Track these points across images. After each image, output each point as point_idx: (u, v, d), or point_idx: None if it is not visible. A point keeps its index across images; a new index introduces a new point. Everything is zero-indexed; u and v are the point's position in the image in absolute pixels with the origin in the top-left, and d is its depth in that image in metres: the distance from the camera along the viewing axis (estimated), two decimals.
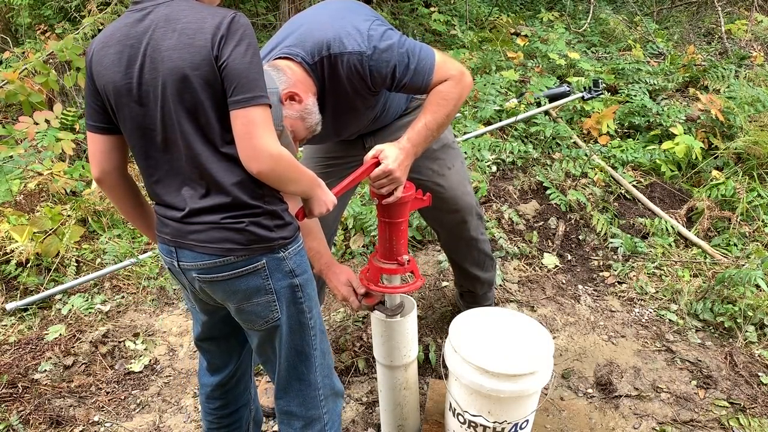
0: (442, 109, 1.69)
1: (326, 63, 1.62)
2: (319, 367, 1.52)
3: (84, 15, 4.68)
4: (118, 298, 2.93)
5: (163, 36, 1.24)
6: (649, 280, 2.95)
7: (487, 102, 4.15)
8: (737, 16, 6.63)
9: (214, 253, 1.35)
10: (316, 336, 1.50)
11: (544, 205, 3.38)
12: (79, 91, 4.22)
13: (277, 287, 1.41)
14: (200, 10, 1.26)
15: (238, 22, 1.25)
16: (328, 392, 1.56)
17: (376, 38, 1.61)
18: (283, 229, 1.38)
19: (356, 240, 3.09)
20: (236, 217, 1.33)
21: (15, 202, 3.32)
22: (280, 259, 1.38)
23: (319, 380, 1.53)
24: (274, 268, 1.39)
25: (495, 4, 6.58)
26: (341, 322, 2.72)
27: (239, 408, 1.77)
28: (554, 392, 2.34)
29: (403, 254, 1.70)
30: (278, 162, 1.27)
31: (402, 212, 1.66)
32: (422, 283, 1.78)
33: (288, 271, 1.41)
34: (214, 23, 1.23)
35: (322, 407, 1.55)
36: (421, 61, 1.64)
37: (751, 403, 2.29)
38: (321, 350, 1.52)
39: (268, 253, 1.37)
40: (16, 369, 2.48)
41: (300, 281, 1.44)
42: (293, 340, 1.47)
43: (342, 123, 1.86)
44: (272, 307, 1.42)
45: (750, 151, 3.64)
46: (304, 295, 1.45)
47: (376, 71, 1.63)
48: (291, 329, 1.46)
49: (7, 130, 3.83)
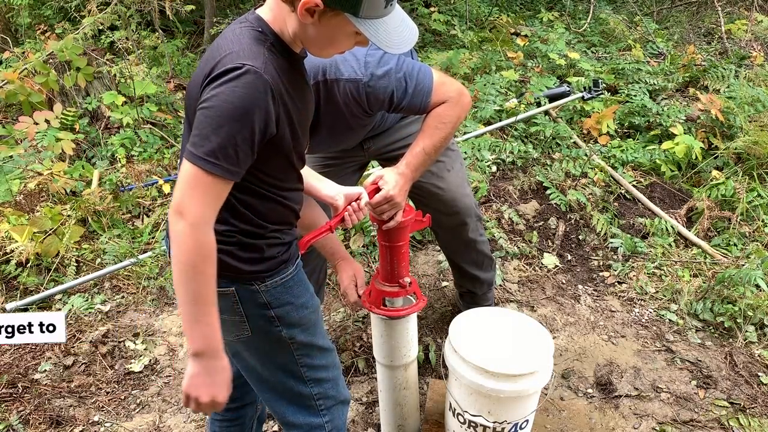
0: (440, 132, 1.67)
1: (322, 87, 1.62)
2: (311, 381, 1.45)
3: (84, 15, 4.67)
4: (118, 298, 2.93)
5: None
6: (649, 280, 2.95)
7: (487, 102, 4.15)
8: (737, 16, 6.62)
9: None
10: (303, 353, 1.42)
11: (544, 205, 3.38)
12: (79, 91, 4.22)
13: (249, 312, 1.33)
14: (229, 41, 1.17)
15: (231, 74, 1.10)
16: (331, 402, 1.51)
17: (373, 64, 1.59)
18: (259, 263, 1.29)
19: (356, 240, 3.09)
20: None
21: (15, 202, 3.32)
22: (252, 291, 1.30)
23: (314, 390, 1.47)
24: (246, 297, 1.31)
25: (495, 4, 6.58)
26: (341, 322, 2.72)
27: (245, 405, 1.76)
28: (554, 392, 2.34)
29: (404, 276, 1.69)
30: (191, 231, 1.10)
31: (402, 236, 1.65)
32: (424, 305, 1.77)
33: (262, 303, 1.32)
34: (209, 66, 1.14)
35: (323, 415, 1.50)
36: (419, 84, 1.63)
37: (751, 403, 2.29)
38: (314, 365, 1.45)
39: (238, 282, 1.29)
40: (16, 369, 2.48)
41: (277, 313, 1.34)
42: (272, 359, 1.41)
43: (338, 139, 1.86)
44: (241, 327, 1.35)
45: (750, 151, 3.64)
46: (282, 324, 1.35)
47: (374, 97, 1.62)
48: (264, 347, 1.40)
49: (7, 130, 3.83)
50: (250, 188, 1.25)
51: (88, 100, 4.17)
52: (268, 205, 1.29)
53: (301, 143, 1.31)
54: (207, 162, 1.09)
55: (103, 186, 3.52)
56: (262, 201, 1.28)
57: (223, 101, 1.09)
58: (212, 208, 1.13)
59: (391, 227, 1.62)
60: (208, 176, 1.10)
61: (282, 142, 1.21)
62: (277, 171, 1.28)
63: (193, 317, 1.15)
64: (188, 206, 1.11)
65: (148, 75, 4.30)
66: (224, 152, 1.09)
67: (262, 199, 1.27)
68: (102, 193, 3.39)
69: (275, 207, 1.31)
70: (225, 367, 1.21)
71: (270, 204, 1.29)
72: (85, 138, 4.01)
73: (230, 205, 1.23)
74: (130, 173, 3.65)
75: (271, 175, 1.27)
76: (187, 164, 1.11)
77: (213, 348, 1.17)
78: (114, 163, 3.88)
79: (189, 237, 1.10)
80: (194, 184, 1.11)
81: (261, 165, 1.21)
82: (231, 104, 1.09)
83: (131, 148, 3.92)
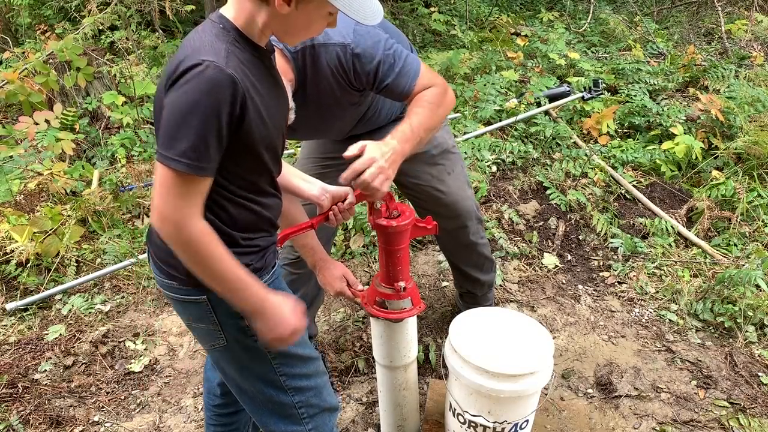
0: (425, 111, 1.60)
1: (308, 53, 1.60)
2: (292, 389, 1.44)
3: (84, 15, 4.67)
4: (118, 298, 2.93)
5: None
6: (649, 280, 2.95)
7: (487, 102, 4.15)
8: (737, 16, 6.62)
9: (163, 273, 1.31)
10: (281, 362, 1.40)
11: (544, 205, 3.38)
12: (79, 91, 4.22)
13: (223, 320, 1.33)
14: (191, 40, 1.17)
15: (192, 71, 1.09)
16: (314, 410, 1.49)
17: (362, 33, 1.59)
18: None
19: (356, 240, 3.09)
20: None
21: (15, 202, 3.32)
22: (225, 300, 1.27)
23: (296, 399, 1.45)
24: (218, 304, 1.29)
25: (495, 4, 6.58)
26: (341, 322, 2.72)
27: (239, 411, 1.76)
28: (554, 392, 2.34)
29: (401, 280, 1.67)
30: (176, 232, 1.13)
31: (401, 240, 1.62)
32: (419, 311, 1.75)
33: (234, 313, 1.29)
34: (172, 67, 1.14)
35: (306, 423, 1.48)
36: (407, 66, 1.62)
37: (751, 403, 2.29)
38: (294, 374, 1.43)
39: (209, 291, 1.26)
40: (16, 369, 2.48)
41: (250, 322, 1.31)
42: (247, 368, 1.40)
43: (326, 117, 1.81)
44: (216, 336, 1.35)
45: (750, 151, 3.64)
46: (256, 333, 1.32)
47: (359, 66, 1.60)
48: (241, 357, 1.39)
49: (7, 130, 3.83)
50: (221, 192, 1.23)
51: (88, 100, 4.17)
52: (239, 211, 1.27)
53: (272, 139, 1.28)
54: (179, 162, 1.09)
55: (103, 186, 3.52)
56: (233, 206, 1.26)
57: (187, 99, 1.08)
58: (194, 205, 1.14)
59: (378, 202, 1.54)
60: (181, 176, 1.10)
61: (250, 136, 1.19)
62: (247, 172, 1.26)
63: (227, 291, 1.22)
64: (168, 209, 1.13)
65: (148, 75, 4.30)
66: (194, 149, 1.09)
67: (233, 204, 1.25)
68: (102, 193, 3.39)
69: (246, 213, 1.29)
70: (277, 305, 1.28)
71: (241, 210, 1.27)
72: (85, 138, 4.01)
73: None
74: (130, 173, 3.65)
75: (241, 176, 1.24)
76: (159, 167, 1.11)
77: (257, 303, 1.25)
78: (114, 163, 3.88)
79: (178, 238, 1.14)
80: (170, 185, 1.11)
81: (231, 165, 1.20)
82: (195, 101, 1.08)
83: (131, 148, 3.92)
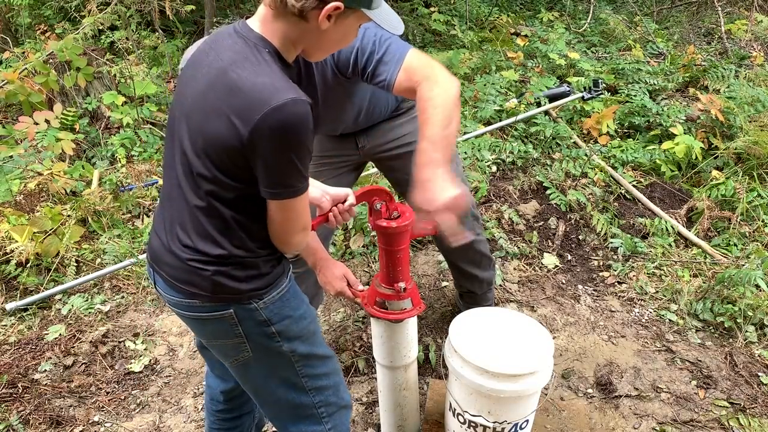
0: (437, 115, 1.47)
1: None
2: (313, 390, 1.46)
3: (84, 15, 4.67)
4: (118, 298, 2.93)
5: None
6: (649, 280, 2.95)
7: (487, 102, 4.15)
8: (737, 16, 6.62)
9: (181, 292, 1.30)
10: (304, 364, 1.42)
11: (544, 205, 3.38)
12: (79, 91, 4.23)
13: (248, 332, 1.33)
14: (251, 72, 1.18)
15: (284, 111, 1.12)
16: (333, 409, 1.51)
17: None
18: (258, 280, 1.29)
19: (356, 240, 3.09)
20: (201, 262, 1.25)
21: (15, 202, 3.31)
22: (251, 310, 1.30)
23: (316, 399, 1.47)
24: (245, 317, 1.31)
25: (495, 4, 6.58)
26: (341, 322, 2.72)
27: (242, 415, 1.76)
28: (554, 392, 2.34)
29: (401, 281, 1.67)
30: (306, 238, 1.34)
31: (402, 240, 1.62)
32: (419, 312, 1.75)
33: (261, 321, 1.32)
34: (239, 101, 1.17)
35: (325, 423, 1.51)
36: (391, 48, 1.55)
37: (751, 403, 2.29)
38: (315, 374, 1.45)
39: (235, 303, 1.29)
40: (16, 369, 2.48)
41: (277, 328, 1.34)
42: (273, 373, 1.42)
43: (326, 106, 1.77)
44: (242, 348, 1.36)
45: (750, 151, 3.64)
46: (282, 338, 1.36)
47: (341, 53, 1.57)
48: (265, 365, 1.40)
49: (7, 130, 3.83)
50: (247, 207, 1.24)
51: (88, 100, 4.17)
52: (263, 225, 1.28)
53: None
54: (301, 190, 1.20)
55: (103, 186, 3.52)
56: (257, 219, 1.27)
57: (293, 142, 1.13)
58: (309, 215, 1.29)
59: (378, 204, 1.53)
60: (302, 198, 1.22)
61: None
62: None
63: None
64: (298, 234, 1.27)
65: (148, 75, 4.30)
66: (305, 175, 1.20)
67: (257, 217, 1.26)
68: (102, 193, 3.39)
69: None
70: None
71: (265, 223, 1.28)
72: (85, 138, 4.01)
73: (226, 227, 1.24)
74: (130, 173, 3.66)
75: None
76: (285, 202, 1.19)
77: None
78: (114, 163, 3.88)
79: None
80: (298, 212, 1.23)
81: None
82: (299, 141, 1.13)
83: (131, 148, 3.92)
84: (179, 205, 1.27)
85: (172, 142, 1.28)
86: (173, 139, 1.27)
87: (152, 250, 1.35)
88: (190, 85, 1.23)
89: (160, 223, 1.34)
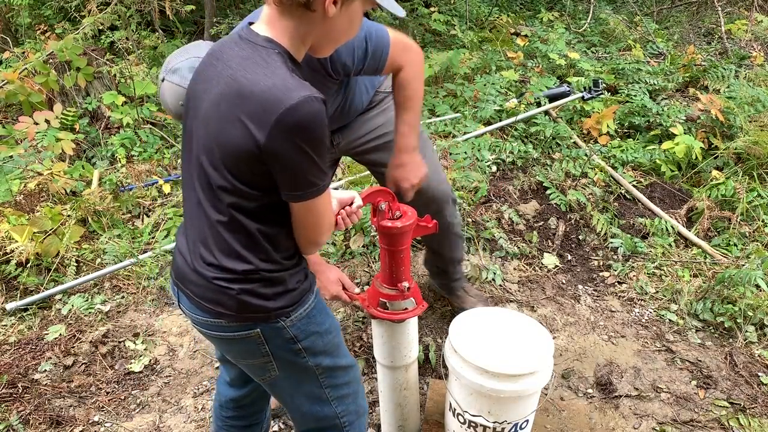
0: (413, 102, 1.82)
1: None
2: (335, 400, 1.46)
3: (84, 15, 4.68)
4: (118, 298, 2.92)
5: None
6: (649, 280, 2.95)
7: (487, 102, 4.15)
8: (737, 16, 6.63)
9: (207, 311, 1.28)
10: (328, 376, 1.43)
11: (544, 205, 3.38)
12: (79, 91, 4.22)
13: (275, 351, 1.32)
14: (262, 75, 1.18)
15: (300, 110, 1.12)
16: (353, 417, 1.52)
17: None
18: (284, 297, 1.27)
19: (356, 240, 3.09)
20: (226, 280, 1.24)
21: (15, 202, 3.31)
22: (278, 328, 1.28)
23: (338, 409, 1.47)
24: (272, 335, 1.29)
25: (495, 4, 6.58)
26: (341, 322, 2.72)
27: (251, 425, 1.76)
28: (554, 392, 2.34)
29: (404, 280, 1.68)
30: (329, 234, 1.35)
31: (404, 240, 1.63)
32: (422, 310, 1.76)
33: (288, 338, 1.31)
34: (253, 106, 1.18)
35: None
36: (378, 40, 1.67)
37: (751, 403, 2.29)
38: (337, 385, 1.46)
39: (262, 323, 1.27)
40: (16, 369, 2.48)
41: (303, 345, 1.33)
42: (299, 389, 1.42)
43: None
44: (269, 367, 1.35)
45: (750, 151, 3.64)
46: (308, 354, 1.35)
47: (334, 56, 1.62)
48: (291, 381, 1.40)
49: (7, 130, 3.83)
50: (270, 217, 1.23)
51: (88, 100, 4.17)
52: (288, 234, 1.27)
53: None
54: (324, 188, 1.20)
55: (103, 186, 3.52)
56: (282, 228, 1.26)
57: (311, 140, 1.12)
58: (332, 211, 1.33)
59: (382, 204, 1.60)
60: (325, 195, 1.22)
61: None
62: None
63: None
64: (326, 232, 1.28)
65: (148, 75, 4.30)
66: (325, 171, 1.19)
67: (282, 225, 1.25)
68: (102, 193, 3.39)
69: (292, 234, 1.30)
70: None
71: (289, 232, 1.27)
72: (85, 138, 4.01)
73: (250, 240, 1.22)
74: (130, 173, 3.65)
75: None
76: (309, 203, 1.19)
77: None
78: (114, 163, 3.88)
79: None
80: (323, 210, 1.24)
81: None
82: (317, 138, 1.13)
83: (131, 148, 3.92)
84: (200, 223, 1.25)
85: (189, 161, 1.26)
86: (190, 157, 1.26)
87: (177, 269, 1.34)
88: (202, 98, 1.21)
89: (183, 243, 1.33)
